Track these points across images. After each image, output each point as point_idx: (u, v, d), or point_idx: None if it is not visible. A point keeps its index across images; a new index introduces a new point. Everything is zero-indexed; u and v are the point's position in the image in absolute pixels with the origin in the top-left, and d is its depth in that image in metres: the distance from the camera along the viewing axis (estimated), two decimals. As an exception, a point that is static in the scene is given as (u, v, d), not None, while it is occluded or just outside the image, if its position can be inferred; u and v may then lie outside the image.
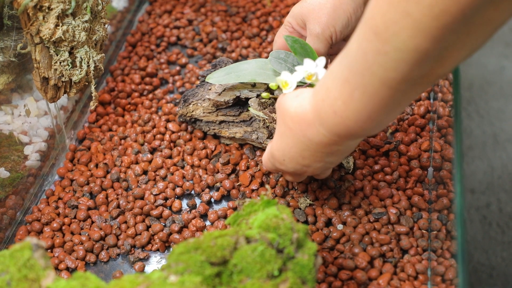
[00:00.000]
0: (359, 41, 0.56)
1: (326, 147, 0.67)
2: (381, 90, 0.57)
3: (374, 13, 0.53)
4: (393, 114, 0.62)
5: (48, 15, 0.78)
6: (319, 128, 0.64)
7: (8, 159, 0.88)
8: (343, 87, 0.59)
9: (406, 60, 0.53)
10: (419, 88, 0.58)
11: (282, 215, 0.65)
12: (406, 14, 0.50)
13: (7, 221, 0.84)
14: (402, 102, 0.59)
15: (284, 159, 0.72)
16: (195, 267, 0.60)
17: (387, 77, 0.55)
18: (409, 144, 0.88)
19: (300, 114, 0.66)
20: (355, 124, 0.61)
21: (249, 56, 1.06)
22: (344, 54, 0.59)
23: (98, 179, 0.89)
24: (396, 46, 0.52)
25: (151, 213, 0.84)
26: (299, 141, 0.68)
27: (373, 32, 0.53)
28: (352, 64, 0.57)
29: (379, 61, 0.54)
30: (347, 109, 0.60)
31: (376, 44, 0.53)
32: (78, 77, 0.84)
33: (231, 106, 0.87)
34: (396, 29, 0.51)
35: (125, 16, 1.16)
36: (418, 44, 0.51)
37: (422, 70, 0.54)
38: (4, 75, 0.91)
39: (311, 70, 0.70)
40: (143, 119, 0.96)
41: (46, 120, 0.93)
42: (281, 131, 0.70)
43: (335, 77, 0.60)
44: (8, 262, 0.59)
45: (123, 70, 1.06)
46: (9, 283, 0.58)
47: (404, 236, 0.79)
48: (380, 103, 0.58)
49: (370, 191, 0.83)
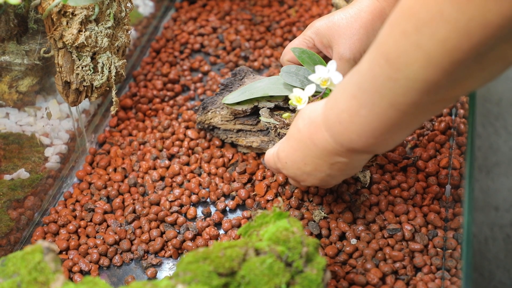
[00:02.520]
0: (370, 63, 0.56)
1: (329, 156, 0.67)
2: (389, 111, 0.57)
3: (387, 40, 0.53)
4: (400, 135, 0.61)
5: (72, 20, 0.79)
6: (325, 134, 0.65)
7: (29, 160, 0.89)
8: (350, 102, 0.60)
9: (416, 88, 0.53)
10: (429, 113, 0.57)
11: (293, 228, 0.65)
12: (418, 47, 0.50)
13: (24, 221, 0.85)
14: (410, 124, 0.59)
15: (286, 162, 0.72)
16: (203, 277, 0.60)
17: (396, 101, 0.55)
18: (427, 160, 0.88)
19: (312, 117, 0.67)
20: (358, 138, 0.61)
21: (271, 65, 1.06)
22: (356, 70, 0.59)
23: (116, 183, 0.90)
24: (407, 75, 0.52)
25: (166, 219, 0.84)
26: (305, 145, 0.68)
27: (384, 58, 0.53)
28: (362, 83, 0.58)
29: (389, 86, 0.54)
30: (352, 122, 0.60)
31: (387, 70, 0.53)
32: (99, 82, 0.85)
33: (249, 115, 0.87)
34: (407, 59, 0.51)
35: (151, 22, 1.17)
36: (428, 76, 0.51)
37: (432, 98, 0.54)
38: (29, 78, 0.92)
39: (324, 76, 0.71)
40: (163, 125, 0.97)
41: (68, 123, 0.94)
42: (290, 133, 0.71)
43: (344, 90, 0.61)
44: (20, 264, 0.60)
45: (146, 75, 1.07)
46: (19, 285, 0.59)
47: (418, 254, 0.78)
48: (386, 123, 0.58)
49: (385, 206, 0.83)
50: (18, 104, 0.93)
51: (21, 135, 0.92)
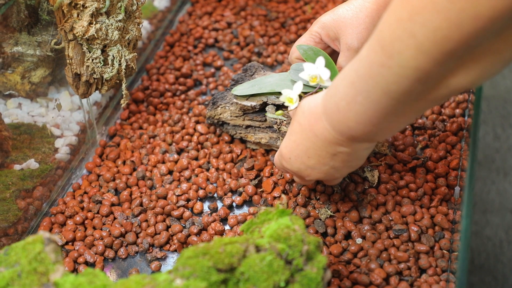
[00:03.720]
0: (368, 50, 0.57)
1: (331, 146, 0.67)
2: (383, 99, 0.57)
3: (383, 27, 0.54)
4: (397, 123, 0.62)
5: (83, 13, 0.79)
6: (325, 123, 0.65)
7: (39, 151, 0.90)
8: (348, 89, 0.60)
9: (407, 76, 0.53)
10: (423, 103, 0.58)
11: (294, 226, 0.64)
12: (411, 35, 0.50)
13: (32, 211, 0.85)
14: (405, 113, 0.59)
15: (290, 157, 0.72)
16: (201, 273, 0.60)
17: (388, 89, 0.56)
18: (437, 161, 0.87)
19: (312, 108, 0.67)
20: (356, 126, 0.62)
21: (284, 62, 1.06)
22: (356, 58, 0.59)
23: (124, 176, 0.90)
24: (399, 63, 0.53)
25: (172, 213, 0.85)
26: (306, 137, 0.68)
27: (380, 45, 0.54)
28: (359, 70, 0.58)
29: (382, 73, 0.55)
30: (349, 110, 0.61)
31: (381, 57, 0.54)
32: (109, 75, 0.85)
33: (257, 111, 0.87)
34: (400, 46, 0.52)
35: (166, 15, 1.18)
36: (419, 64, 0.51)
37: (424, 87, 0.54)
38: (41, 69, 0.93)
39: (313, 72, 0.71)
40: (173, 119, 0.97)
41: (79, 115, 0.95)
42: (291, 129, 0.71)
43: (344, 77, 0.61)
44: (21, 254, 0.61)
45: (159, 69, 1.07)
46: (19, 275, 0.60)
47: (423, 255, 0.77)
48: (382, 111, 0.59)
49: (392, 206, 0.82)
50: (31, 94, 0.94)
51: (33, 125, 0.93)
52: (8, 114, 0.92)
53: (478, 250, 1.47)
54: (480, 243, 1.48)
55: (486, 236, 1.48)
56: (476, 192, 1.57)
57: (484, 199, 1.56)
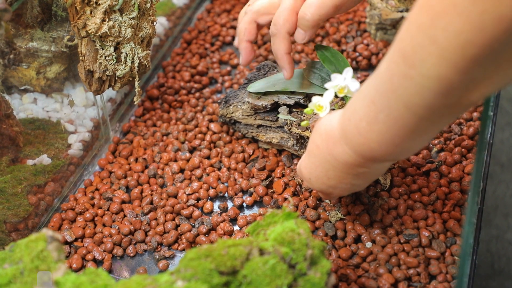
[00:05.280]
0: (388, 62, 0.54)
1: (352, 168, 0.65)
2: (406, 115, 0.55)
3: (403, 36, 0.51)
4: (420, 141, 0.59)
5: (96, 10, 0.79)
6: (345, 147, 0.63)
7: (52, 147, 0.90)
8: (368, 108, 0.58)
9: (430, 88, 0.51)
10: (445, 118, 0.55)
11: (299, 229, 0.63)
12: (433, 41, 0.48)
13: (43, 207, 0.86)
14: (428, 130, 0.57)
15: (310, 178, 0.71)
16: (203, 275, 0.59)
17: (411, 103, 0.53)
18: (452, 165, 0.85)
19: (329, 132, 0.65)
20: (378, 147, 0.60)
21: (301, 61, 1.05)
22: (374, 74, 0.57)
23: (136, 173, 0.90)
24: (422, 72, 0.50)
25: (182, 212, 0.84)
26: (325, 160, 0.67)
27: (401, 55, 0.52)
28: (379, 85, 0.56)
29: (404, 85, 0.53)
30: (371, 130, 0.59)
31: (403, 67, 0.52)
32: (122, 72, 0.85)
33: (269, 111, 0.86)
34: (422, 54, 0.49)
35: (185, 12, 1.17)
36: (442, 73, 0.49)
37: (447, 100, 0.52)
38: (56, 64, 0.93)
39: (341, 84, 0.68)
40: (187, 117, 0.97)
41: (93, 111, 0.95)
42: (309, 149, 0.70)
43: (363, 97, 0.59)
44: (24, 251, 0.61)
45: (175, 66, 1.07)
46: (22, 273, 0.60)
47: (434, 261, 0.76)
48: (404, 128, 0.56)
49: (404, 210, 0.80)
50: (46, 90, 0.95)
51: (47, 121, 0.93)
52: (23, 109, 0.93)
53: (499, 254, 1.44)
54: (501, 247, 1.46)
55: (507, 240, 1.46)
56: (498, 195, 1.55)
57: (507, 203, 1.54)
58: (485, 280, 1.40)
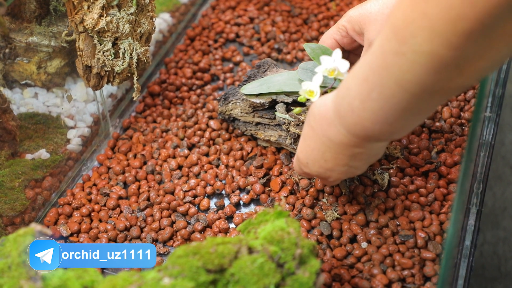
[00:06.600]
0: (381, 39, 0.54)
1: (347, 149, 0.65)
2: (398, 93, 0.55)
3: (395, 12, 0.51)
4: (413, 121, 0.60)
5: (93, 5, 0.79)
6: (339, 127, 0.63)
7: (51, 141, 0.91)
8: (362, 86, 0.58)
9: (422, 64, 0.51)
10: (438, 97, 0.55)
11: (289, 228, 0.63)
12: (425, 15, 0.48)
13: (41, 201, 0.86)
14: (421, 109, 0.57)
15: (307, 162, 0.70)
16: (190, 272, 0.59)
17: (403, 80, 0.53)
18: (451, 166, 0.84)
19: (322, 112, 0.65)
20: (372, 126, 0.59)
21: (304, 59, 1.04)
22: (368, 53, 0.57)
23: (134, 169, 0.90)
24: (413, 48, 0.50)
25: (178, 209, 0.84)
26: (321, 142, 0.67)
27: (393, 30, 0.52)
28: (372, 63, 0.56)
29: (396, 61, 0.53)
30: (364, 109, 0.59)
31: (395, 44, 0.52)
32: (120, 68, 0.85)
33: (267, 108, 0.85)
34: (413, 29, 0.49)
35: (189, 9, 1.17)
36: (434, 48, 0.49)
37: (439, 77, 0.51)
38: (57, 59, 0.93)
39: (330, 66, 0.68)
40: (187, 113, 0.97)
41: (93, 106, 0.95)
42: (305, 133, 0.70)
43: (356, 75, 0.59)
44: (12, 246, 0.61)
45: (177, 62, 1.07)
46: (10, 267, 0.60)
47: (429, 263, 0.75)
48: (397, 106, 0.56)
49: (401, 211, 0.80)
50: (47, 85, 0.95)
51: (47, 115, 0.93)
52: (24, 103, 0.93)
53: (506, 257, 1.43)
54: (508, 249, 1.44)
55: (515, 243, 1.44)
56: (507, 197, 1.53)
57: (515, 205, 1.52)
58: (491, 282, 1.38)
